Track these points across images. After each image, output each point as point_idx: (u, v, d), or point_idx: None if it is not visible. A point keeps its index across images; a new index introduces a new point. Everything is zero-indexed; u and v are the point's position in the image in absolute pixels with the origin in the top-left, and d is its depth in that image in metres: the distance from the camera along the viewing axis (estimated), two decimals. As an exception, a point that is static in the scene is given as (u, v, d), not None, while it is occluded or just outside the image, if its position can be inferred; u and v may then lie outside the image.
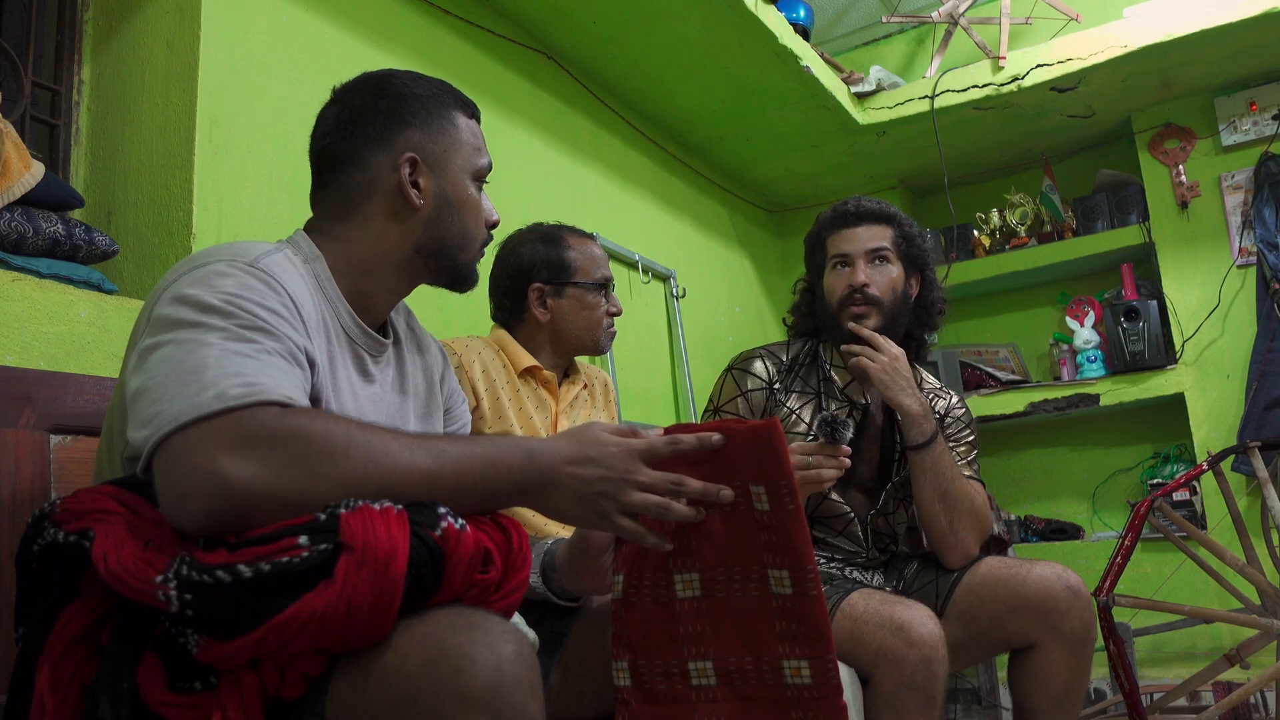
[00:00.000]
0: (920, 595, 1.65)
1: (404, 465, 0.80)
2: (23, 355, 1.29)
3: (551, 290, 1.64)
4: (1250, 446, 2.33)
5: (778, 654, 0.92)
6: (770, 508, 0.93)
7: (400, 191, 1.01)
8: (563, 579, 1.12)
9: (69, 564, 0.76)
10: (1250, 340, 3.13)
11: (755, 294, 3.65)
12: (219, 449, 0.74)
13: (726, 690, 0.94)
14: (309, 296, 0.95)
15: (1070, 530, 3.53)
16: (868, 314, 1.72)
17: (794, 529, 0.92)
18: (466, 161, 1.05)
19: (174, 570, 0.70)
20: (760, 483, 0.92)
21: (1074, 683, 1.55)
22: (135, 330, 0.89)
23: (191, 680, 0.72)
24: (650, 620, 0.96)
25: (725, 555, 0.94)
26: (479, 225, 1.07)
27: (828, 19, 3.60)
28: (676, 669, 0.95)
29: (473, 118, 1.09)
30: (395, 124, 1.02)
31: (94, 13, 1.74)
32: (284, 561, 0.70)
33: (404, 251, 1.02)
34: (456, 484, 0.81)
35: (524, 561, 0.81)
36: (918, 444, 1.64)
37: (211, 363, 0.79)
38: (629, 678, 0.96)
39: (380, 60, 1.99)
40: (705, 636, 0.94)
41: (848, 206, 1.79)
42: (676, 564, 0.95)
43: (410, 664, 0.69)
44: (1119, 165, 3.57)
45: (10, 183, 1.34)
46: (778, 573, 0.93)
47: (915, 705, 1.32)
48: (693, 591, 0.95)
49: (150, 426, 0.77)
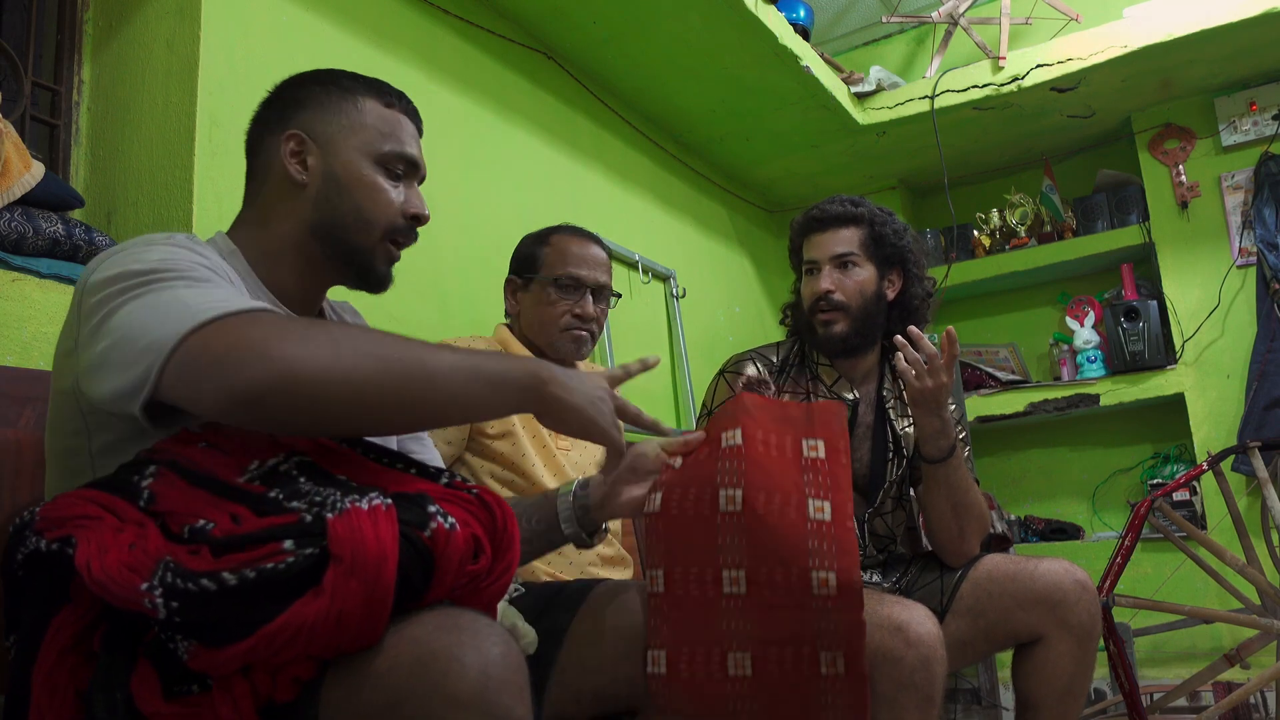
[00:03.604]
0: (924, 593, 1.66)
1: (425, 348, 0.82)
2: (23, 355, 1.30)
3: (521, 284, 1.64)
4: (1250, 446, 2.33)
5: (807, 565, 1.02)
6: (825, 456, 1.12)
7: (285, 169, 1.01)
8: (598, 509, 1.16)
9: (54, 571, 0.75)
10: (1250, 340, 3.13)
11: (755, 294, 3.65)
12: (246, 330, 0.75)
13: (756, 599, 1.02)
14: (233, 276, 0.95)
15: (1070, 530, 3.53)
16: (834, 319, 1.72)
17: (841, 474, 1.11)
18: (366, 143, 1.02)
19: (159, 578, 0.68)
20: (818, 437, 1.13)
21: (1079, 676, 1.55)
22: (65, 335, 0.88)
23: (187, 684, 0.71)
24: (690, 530, 1.05)
25: (770, 484, 1.06)
26: (378, 210, 1.02)
27: (828, 19, 3.60)
28: (711, 574, 1.03)
29: (391, 107, 1.06)
30: (291, 108, 1.03)
31: (94, 13, 1.74)
32: (269, 568, 0.69)
33: (299, 232, 1.02)
34: (474, 366, 0.84)
35: (511, 540, 0.80)
36: (935, 459, 1.62)
37: (185, 297, 0.79)
38: (663, 583, 1.05)
39: (380, 60, 1.99)
40: (741, 548, 1.03)
41: (814, 211, 1.79)
42: (723, 480, 1.05)
43: (399, 667, 0.68)
44: (1119, 165, 3.57)
45: (10, 183, 1.34)
46: (818, 503, 1.07)
47: (914, 705, 1.32)
48: (734, 507, 1.04)
49: (148, 356, 0.76)
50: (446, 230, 2.12)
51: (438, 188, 2.11)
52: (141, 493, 0.77)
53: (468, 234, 2.18)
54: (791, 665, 1.02)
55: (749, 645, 1.02)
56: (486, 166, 2.29)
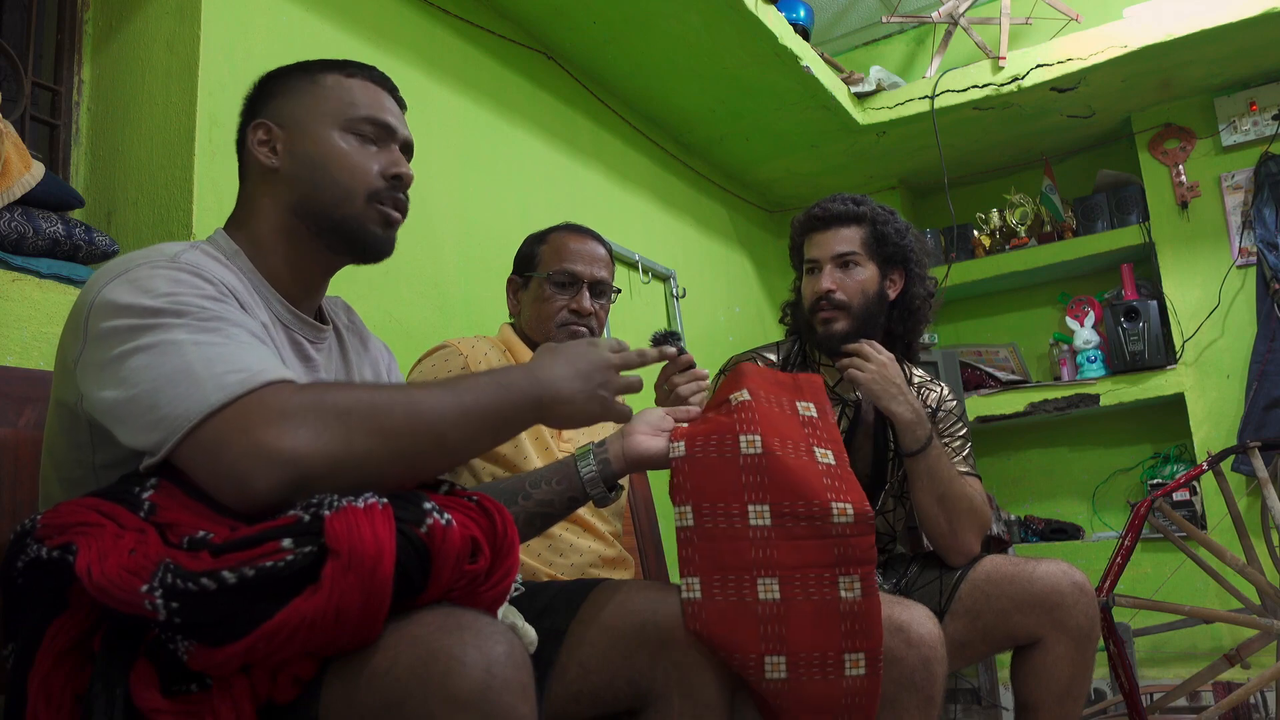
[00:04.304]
0: (923, 594, 1.66)
1: (432, 407, 0.83)
2: (23, 355, 1.30)
3: (521, 283, 1.66)
4: (1250, 446, 2.33)
5: (827, 499, 1.10)
6: (817, 416, 1.24)
7: (257, 159, 1.03)
8: (618, 460, 1.19)
9: (55, 578, 0.75)
10: (1250, 340, 3.13)
11: (755, 294, 3.65)
12: (257, 428, 0.75)
13: (780, 530, 1.10)
14: (238, 283, 0.96)
15: (1070, 530, 3.53)
16: (835, 318, 1.72)
17: (834, 431, 1.23)
18: (331, 114, 1.03)
19: (159, 579, 0.69)
20: (810, 400, 1.26)
21: (1078, 679, 1.55)
22: (69, 347, 0.88)
23: (186, 683, 0.71)
24: (715, 470, 1.12)
25: (782, 432, 1.16)
26: (353, 175, 1.01)
27: (828, 19, 3.60)
28: (737, 509, 1.11)
29: (352, 76, 1.06)
30: (259, 101, 1.06)
31: (94, 13, 1.74)
32: (268, 566, 0.69)
33: (284, 217, 1.02)
34: (480, 413, 0.86)
35: (511, 546, 0.81)
36: (912, 450, 1.65)
37: (194, 359, 0.80)
38: (692, 517, 1.11)
39: (380, 60, 1.99)
40: (764, 485, 1.11)
41: (816, 210, 1.79)
42: (741, 428, 1.14)
43: (399, 666, 0.68)
44: (1119, 165, 3.57)
45: (10, 183, 1.34)
46: (823, 450, 1.18)
47: (914, 705, 1.32)
48: (755, 450, 1.12)
49: (161, 430, 0.77)
50: (446, 230, 2.12)
51: (438, 188, 2.11)
52: (143, 503, 0.77)
53: (468, 234, 2.18)
54: (815, 589, 1.09)
55: (776, 571, 1.09)
56: (486, 166, 2.29)
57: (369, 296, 1.83)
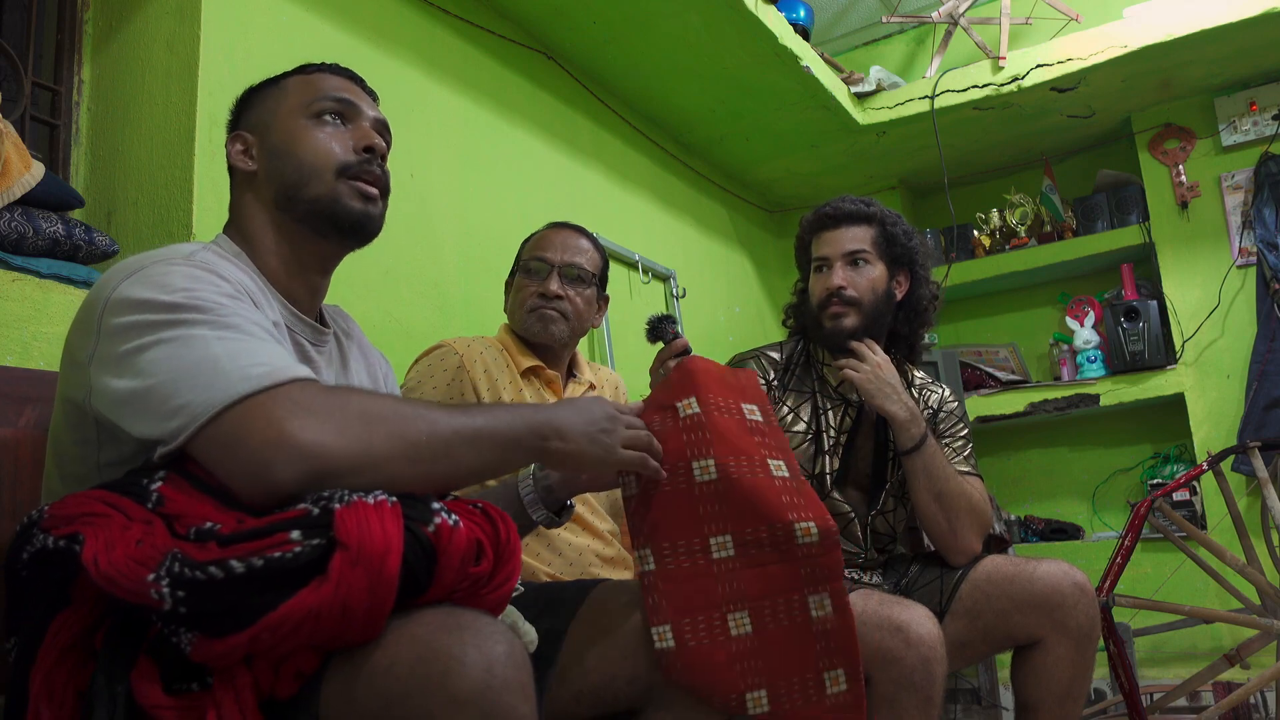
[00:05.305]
0: (924, 593, 1.66)
1: (448, 423, 0.85)
2: (23, 355, 1.30)
3: (509, 281, 1.72)
4: (1250, 446, 2.33)
5: (789, 519, 1.07)
6: (763, 420, 1.20)
7: (237, 167, 1.07)
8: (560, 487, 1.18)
9: (59, 571, 0.75)
10: (1250, 340, 3.13)
11: (755, 294, 3.65)
12: (283, 420, 0.77)
13: (744, 558, 1.07)
14: (249, 283, 0.98)
15: (1070, 530, 3.53)
16: (845, 315, 1.73)
17: (780, 434, 1.21)
18: (294, 108, 1.06)
19: (165, 568, 0.69)
20: (753, 403, 1.21)
21: (1078, 679, 1.55)
22: (79, 345, 0.88)
23: (187, 681, 0.71)
24: (670, 505, 1.09)
25: (735, 447, 1.11)
26: (319, 154, 1.04)
27: (828, 19, 3.61)
28: (699, 544, 1.07)
29: (310, 72, 1.10)
30: (236, 117, 1.11)
31: (94, 13, 1.74)
32: (276, 557, 0.69)
33: (267, 212, 1.05)
34: (490, 434, 0.89)
35: (514, 552, 0.81)
36: (908, 449, 1.66)
37: (219, 352, 0.81)
38: (653, 561, 1.08)
39: (380, 60, 1.99)
40: (724, 515, 1.08)
41: (826, 209, 1.81)
42: (693, 452, 1.10)
43: (400, 665, 0.69)
44: (1119, 165, 3.57)
45: (10, 183, 1.34)
46: (776, 462, 1.14)
47: (914, 705, 1.32)
48: (710, 476, 1.08)
49: (181, 418, 0.78)
50: (446, 230, 2.12)
51: (438, 188, 2.12)
52: (150, 495, 0.78)
53: (468, 234, 2.18)
54: (785, 614, 1.07)
55: (745, 604, 1.06)
56: (486, 166, 2.29)
57: (369, 297, 1.83)
